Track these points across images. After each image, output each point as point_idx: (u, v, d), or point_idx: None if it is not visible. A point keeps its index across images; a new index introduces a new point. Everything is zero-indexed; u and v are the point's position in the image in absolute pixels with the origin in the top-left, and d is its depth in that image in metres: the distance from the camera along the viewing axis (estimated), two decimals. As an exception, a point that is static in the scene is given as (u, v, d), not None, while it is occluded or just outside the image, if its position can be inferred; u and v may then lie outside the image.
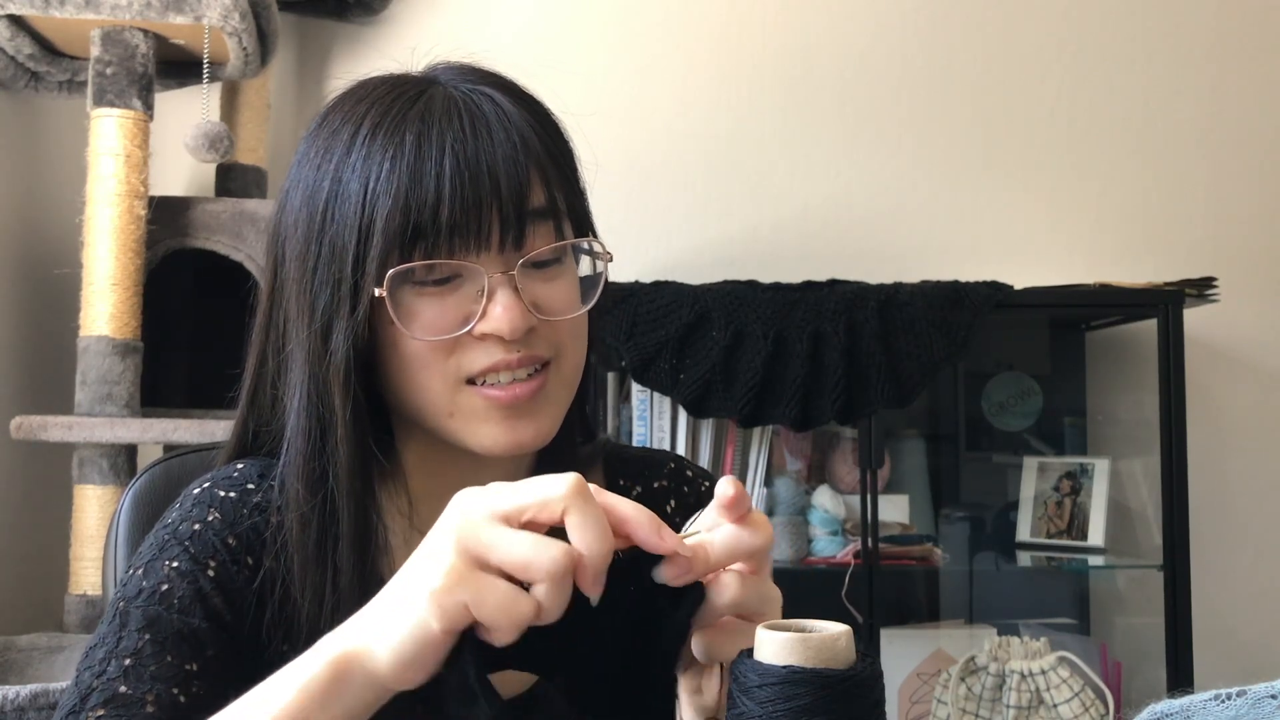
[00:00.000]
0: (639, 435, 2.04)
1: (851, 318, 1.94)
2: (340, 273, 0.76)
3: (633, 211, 2.32)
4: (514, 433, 0.79)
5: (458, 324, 0.77)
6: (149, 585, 0.76)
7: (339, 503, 0.77)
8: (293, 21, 2.26)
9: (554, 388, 0.81)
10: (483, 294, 0.76)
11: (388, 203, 0.74)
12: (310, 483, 0.78)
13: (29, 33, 1.89)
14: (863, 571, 1.97)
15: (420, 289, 0.76)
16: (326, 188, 0.77)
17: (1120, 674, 2.15)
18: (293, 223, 0.80)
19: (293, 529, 0.78)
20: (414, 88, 0.79)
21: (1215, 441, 2.34)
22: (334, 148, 0.78)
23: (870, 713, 0.55)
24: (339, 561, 0.77)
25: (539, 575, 0.56)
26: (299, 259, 0.79)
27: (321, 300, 0.77)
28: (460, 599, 0.56)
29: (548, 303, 0.79)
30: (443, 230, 0.74)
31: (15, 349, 2.03)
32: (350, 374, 0.76)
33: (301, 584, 0.77)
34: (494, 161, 0.75)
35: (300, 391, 0.78)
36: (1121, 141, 2.43)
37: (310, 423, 0.78)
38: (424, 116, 0.76)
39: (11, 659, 1.71)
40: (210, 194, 2.11)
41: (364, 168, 0.76)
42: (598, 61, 2.35)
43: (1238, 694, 0.57)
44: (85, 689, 0.71)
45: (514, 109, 0.79)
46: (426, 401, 0.79)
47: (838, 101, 2.40)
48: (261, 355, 0.84)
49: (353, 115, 0.79)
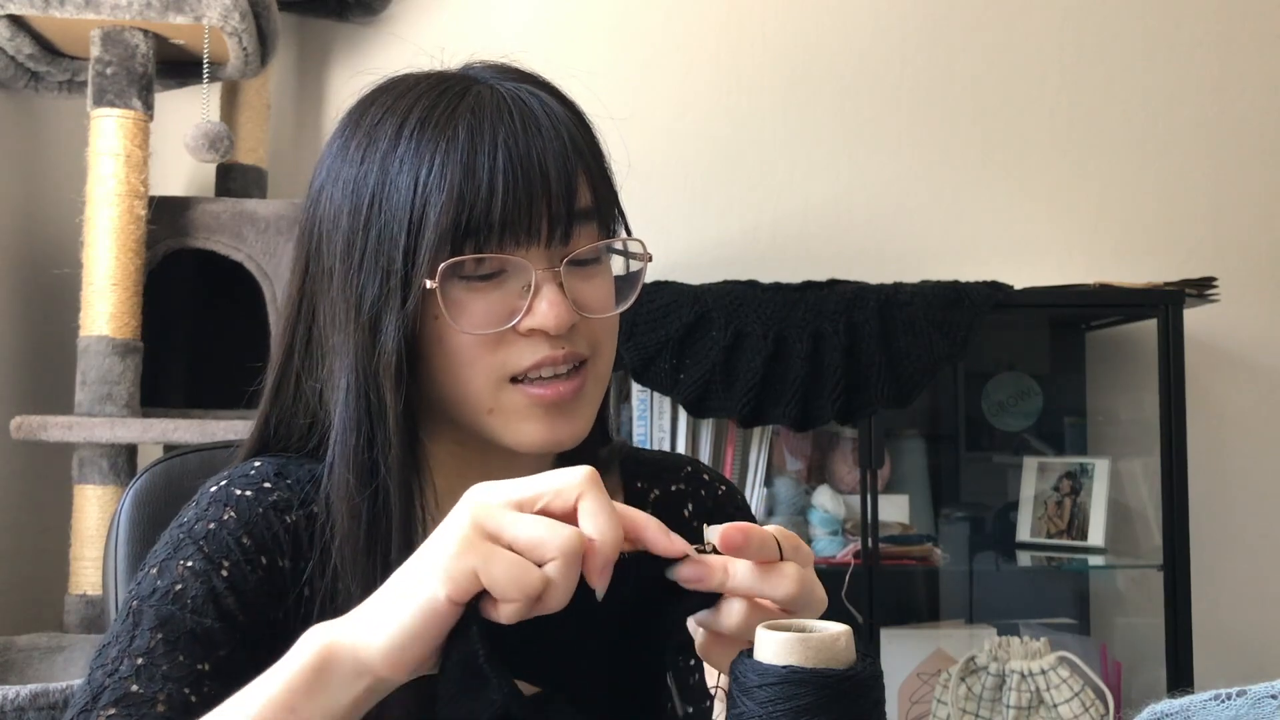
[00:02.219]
0: (639, 435, 2.04)
1: (851, 318, 1.94)
2: (390, 265, 0.76)
3: (633, 211, 2.32)
4: (553, 431, 0.79)
5: (504, 319, 0.77)
6: (163, 584, 0.76)
7: (391, 493, 0.77)
8: (293, 21, 2.26)
9: (591, 387, 0.81)
10: (528, 289, 0.76)
11: (440, 196, 0.74)
12: (362, 475, 0.77)
13: (29, 33, 1.89)
14: (863, 571, 1.97)
15: (468, 283, 0.77)
16: (373, 181, 0.77)
17: (1120, 674, 2.15)
18: (332, 217, 0.80)
19: (342, 521, 0.78)
20: (458, 84, 0.80)
21: (1215, 441, 2.34)
22: (377, 140, 0.78)
23: (870, 713, 0.55)
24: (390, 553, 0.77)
25: (551, 552, 0.55)
26: (343, 252, 0.78)
27: (370, 293, 0.77)
28: (470, 564, 0.56)
29: (588, 301, 0.80)
30: (495, 225, 0.75)
31: (15, 349, 2.03)
32: (402, 366, 0.76)
33: (352, 574, 0.77)
34: (545, 159, 0.76)
35: (347, 384, 0.78)
36: (1121, 141, 2.43)
37: (360, 415, 0.78)
38: (475, 110, 0.77)
39: (11, 659, 1.71)
40: (210, 194, 2.11)
41: (414, 160, 0.76)
42: (598, 61, 2.35)
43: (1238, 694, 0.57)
44: (97, 687, 0.71)
45: (560, 108, 0.80)
46: (468, 396, 0.79)
47: (838, 101, 2.40)
48: (288, 350, 0.84)
49: (395, 109, 0.79)
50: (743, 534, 0.59)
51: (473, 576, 0.56)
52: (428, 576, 0.57)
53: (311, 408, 0.83)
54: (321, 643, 0.59)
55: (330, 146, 0.82)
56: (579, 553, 0.56)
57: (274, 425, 0.86)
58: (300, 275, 0.83)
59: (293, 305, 0.84)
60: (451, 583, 0.56)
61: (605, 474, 0.92)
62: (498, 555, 0.56)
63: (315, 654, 0.59)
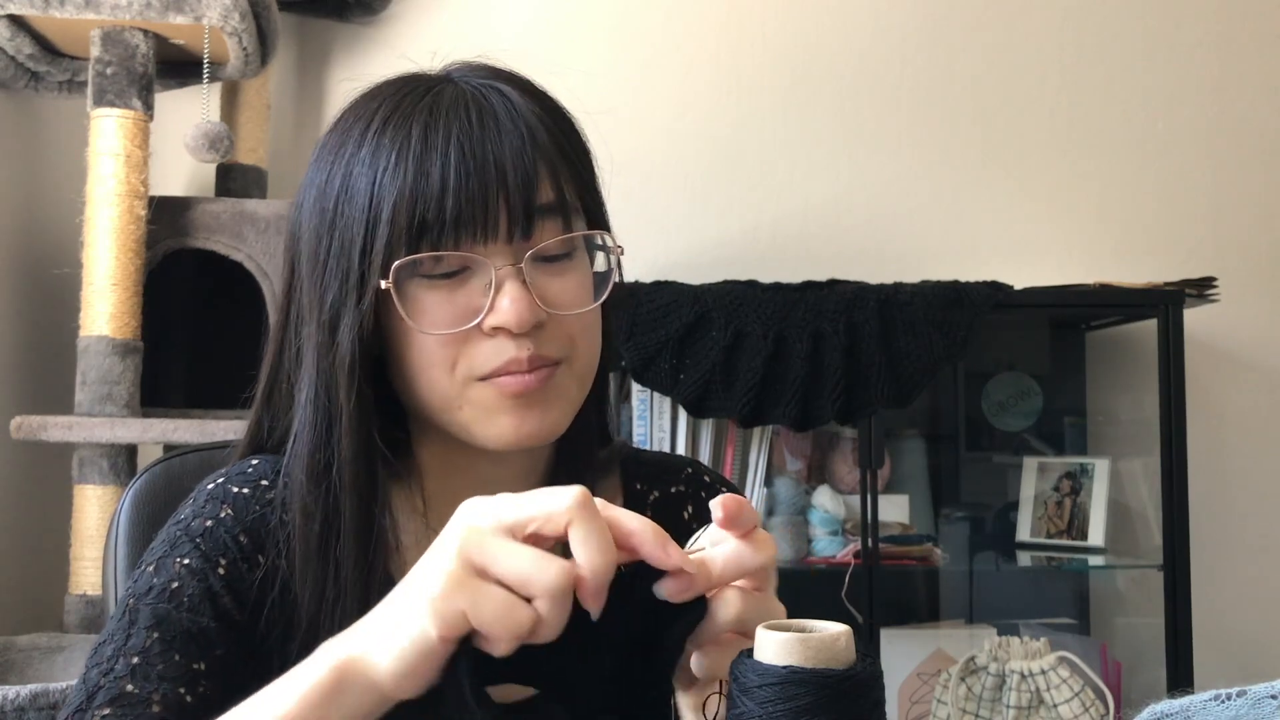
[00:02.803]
0: (639, 435, 2.04)
1: (851, 318, 1.94)
2: (349, 265, 0.76)
3: (633, 211, 2.32)
4: (524, 423, 0.78)
5: (466, 318, 0.76)
6: (159, 582, 0.75)
7: (341, 496, 0.77)
8: (293, 21, 2.26)
9: (564, 380, 0.80)
10: (490, 287, 0.76)
11: (393, 194, 0.74)
12: (314, 475, 0.78)
13: (29, 33, 1.89)
14: (863, 571, 1.97)
15: (429, 283, 0.76)
16: (337, 184, 0.78)
17: (1120, 674, 2.15)
18: (306, 220, 0.80)
19: (296, 521, 0.78)
20: (425, 85, 0.80)
21: (1215, 441, 2.34)
22: (345, 144, 0.79)
23: (870, 713, 0.55)
24: (340, 555, 0.77)
25: (538, 591, 0.56)
26: (310, 255, 0.79)
27: (330, 294, 0.77)
28: (458, 606, 0.56)
29: (556, 297, 0.78)
30: (448, 222, 0.74)
31: (15, 349, 2.03)
32: (355, 367, 0.76)
33: (303, 577, 0.77)
34: (500, 153, 0.75)
35: (309, 384, 0.79)
36: (1121, 141, 2.43)
37: (316, 415, 0.78)
38: (431, 109, 0.77)
39: (11, 659, 1.71)
40: (210, 194, 2.11)
41: (372, 161, 0.76)
42: (598, 61, 2.35)
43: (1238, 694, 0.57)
44: (93, 687, 0.71)
45: (525, 103, 0.79)
46: (436, 395, 0.79)
47: (838, 101, 2.40)
48: (277, 351, 0.84)
49: (364, 113, 0.79)
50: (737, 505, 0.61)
51: (462, 617, 0.56)
52: (419, 613, 0.57)
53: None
54: (337, 658, 0.59)
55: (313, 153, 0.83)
56: (567, 590, 0.56)
57: (266, 426, 0.86)
58: (286, 279, 0.84)
59: (280, 309, 0.84)
60: (442, 623, 0.56)
61: (605, 475, 0.92)
62: (486, 596, 0.56)
63: (331, 669, 0.59)
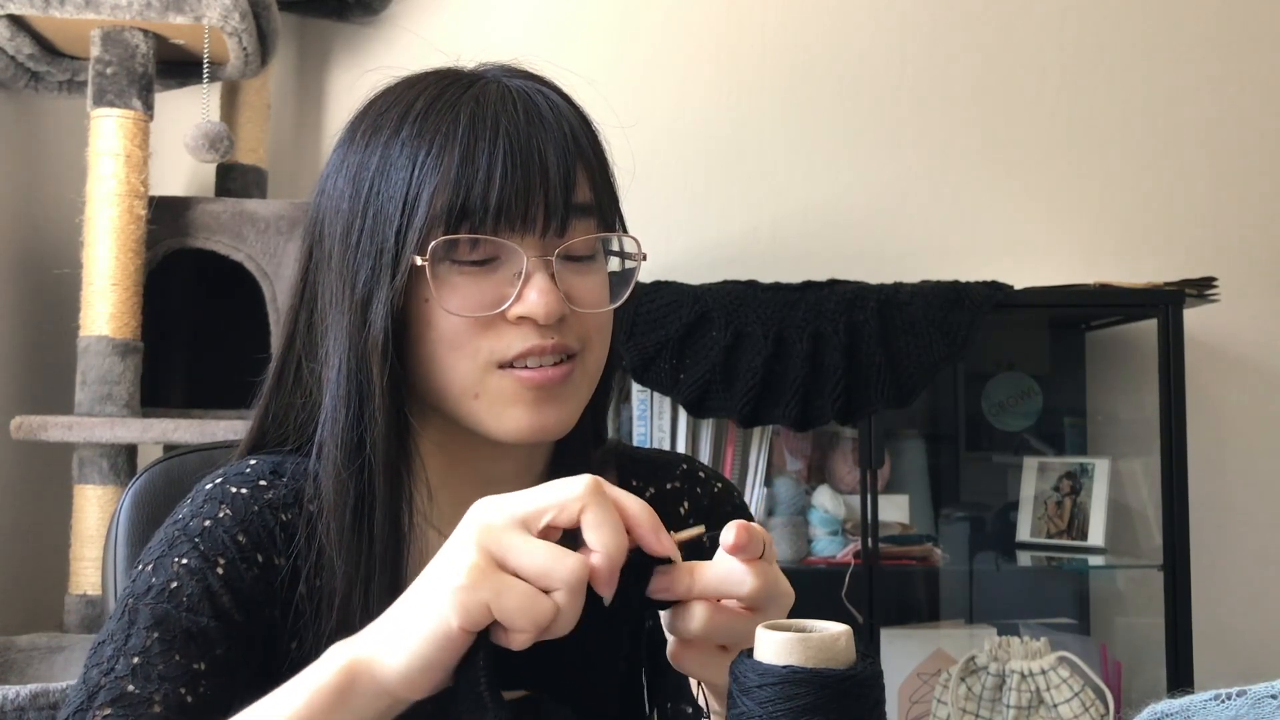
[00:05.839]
0: (639, 435, 2.04)
1: (851, 318, 1.94)
2: (383, 244, 0.77)
3: (633, 212, 2.31)
4: (540, 416, 0.79)
5: (494, 304, 0.77)
6: (158, 582, 0.75)
7: (376, 471, 0.78)
8: (293, 21, 2.26)
9: (578, 378, 0.81)
10: (519, 277, 0.77)
11: (435, 177, 0.76)
12: (349, 451, 0.78)
13: (29, 33, 1.89)
14: (863, 571, 1.97)
15: (459, 267, 0.77)
16: (374, 164, 0.79)
17: (1120, 674, 2.15)
18: (335, 201, 0.81)
19: (330, 498, 0.78)
20: (467, 79, 0.81)
21: (1215, 441, 2.34)
22: (382, 128, 0.80)
23: (870, 713, 0.55)
24: (375, 529, 0.78)
25: (558, 583, 0.57)
26: (342, 234, 0.80)
27: (363, 272, 0.78)
28: (482, 597, 0.57)
29: (580, 295, 0.80)
30: (490, 209, 0.76)
31: (15, 349, 2.03)
32: (389, 343, 0.77)
33: (337, 550, 0.78)
34: (545, 150, 0.77)
35: (339, 361, 0.79)
36: (1121, 141, 2.43)
37: (349, 392, 0.78)
38: (479, 100, 0.78)
39: (11, 659, 1.71)
40: (210, 194, 2.11)
41: (414, 144, 0.77)
42: (598, 62, 2.35)
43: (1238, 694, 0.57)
44: (93, 687, 0.71)
45: (565, 106, 0.81)
46: (453, 381, 0.79)
47: (838, 101, 2.40)
48: (290, 338, 0.85)
49: (401, 100, 0.80)
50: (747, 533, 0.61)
51: (485, 609, 0.57)
52: (441, 604, 0.58)
53: (311, 394, 0.83)
54: (345, 661, 0.60)
55: (338, 141, 0.84)
56: (584, 581, 0.57)
57: (273, 415, 0.86)
58: (305, 261, 0.84)
59: (296, 291, 0.85)
60: (465, 614, 0.57)
61: (601, 474, 0.92)
62: (509, 588, 0.57)
63: (339, 672, 0.59)
